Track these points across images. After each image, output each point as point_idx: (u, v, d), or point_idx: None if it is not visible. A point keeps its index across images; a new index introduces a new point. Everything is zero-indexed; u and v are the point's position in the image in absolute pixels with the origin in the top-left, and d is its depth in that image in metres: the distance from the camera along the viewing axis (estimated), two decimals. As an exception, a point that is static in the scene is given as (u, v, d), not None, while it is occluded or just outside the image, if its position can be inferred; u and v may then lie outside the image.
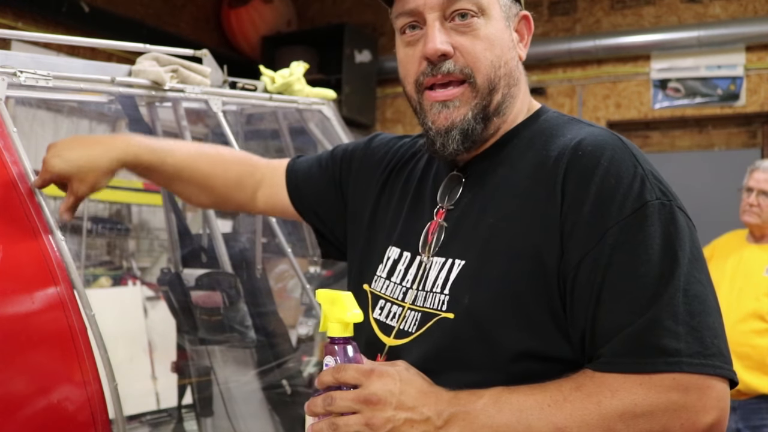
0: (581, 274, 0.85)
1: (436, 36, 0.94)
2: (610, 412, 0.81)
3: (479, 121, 0.97)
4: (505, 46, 0.97)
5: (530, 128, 1.01)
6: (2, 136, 1.43)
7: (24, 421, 1.27)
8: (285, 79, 2.30)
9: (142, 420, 2.99)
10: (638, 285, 0.83)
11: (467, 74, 0.96)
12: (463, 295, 0.93)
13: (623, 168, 0.87)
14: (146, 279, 3.67)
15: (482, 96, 0.97)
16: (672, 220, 0.85)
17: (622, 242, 0.84)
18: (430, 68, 0.96)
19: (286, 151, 2.57)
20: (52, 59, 1.83)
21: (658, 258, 0.83)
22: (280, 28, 5.04)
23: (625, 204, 0.85)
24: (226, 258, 2.10)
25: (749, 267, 2.96)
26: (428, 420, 0.84)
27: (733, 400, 2.91)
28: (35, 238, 1.35)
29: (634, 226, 0.84)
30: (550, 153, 0.93)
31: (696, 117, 4.49)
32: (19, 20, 3.68)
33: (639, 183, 0.86)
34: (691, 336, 0.81)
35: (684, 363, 0.81)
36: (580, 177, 0.88)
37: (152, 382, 3.26)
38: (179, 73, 1.97)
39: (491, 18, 0.96)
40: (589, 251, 0.85)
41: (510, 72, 0.98)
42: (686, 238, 0.85)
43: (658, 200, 0.86)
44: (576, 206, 0.87)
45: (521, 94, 1.03)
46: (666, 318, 0.81)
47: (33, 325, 1.32)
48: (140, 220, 3.98)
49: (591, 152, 0.89)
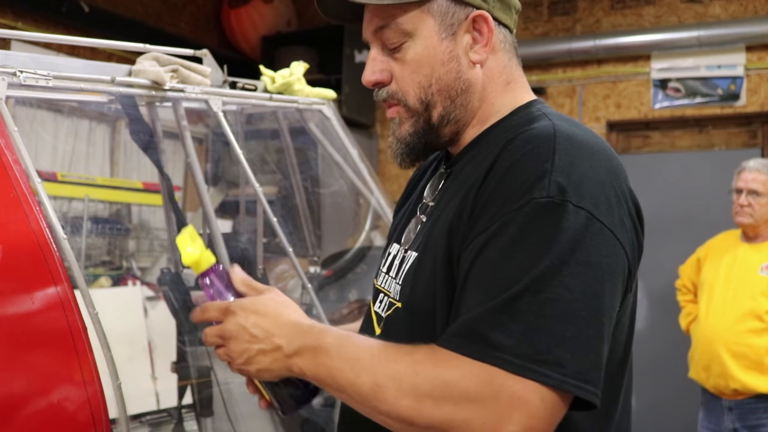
0: (462, 258, 0.89)
1: (367, 68, 1.04)
2: (425, 384, 0.82)
3: (422, 135, 1.03)
4: (436, 63, 1.00)
5: (502, 125, 1.02)
6: (3, 136, 1.42)
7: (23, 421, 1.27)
8: (285, 79, 2.30)
9: (142, 420, 2.99)
10: (492, 277, 0.83)
11: (399, 99, 1.03)
12: (405, 287, 1.00)
13: (532, 163, 0.87)
14: (146, 279, 3.66)
15: (418, 114, 1.02)
16: (555, 220, 0.82)
17: (497, 234, 0.85)
18: (374, 95, 1.07)
19: (286, 151, 2.57)
20: (52, 59, 1.83)
21: (521, 254, 0.82)
22: (280, 28, 5.04)
23: (514, 198, 0.85)
24: (226, 258, 2.10)
25: (744, 266, 2.97)
26: (279, 348, 0.92)
27: (730, 400, 2.91)
28: (35, 237, 1.35)
29: (513, 221, 0.84)
30: (495, 149, 0.94)
31: (696, 117, 4.49)
32: (19, 20, 3.68)
33: (535, 179, 0.85)
34: (525, 337, 0.79)
35: (505, 360, 0.79)
36: (497, 168, 0.90)
37: (152, 382, 3.26)
38: (179, 73, 1.97)
39: (419, 38, 0.99)
40: (472, 241, 0.88)
41: (447, 85, 1.00)
42: (565, 240, 0.82)
43: (547, 198, 0.83)
44: (483, 194, 0.89)
45: (489, 93, 1.03)
46: (503, 312, 0.80)
47: (32, 325, 1.32)
48: (140, 220, 3.97)
49: (517, 145, 0.91)
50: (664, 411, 4.21)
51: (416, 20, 0.99)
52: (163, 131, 2.19)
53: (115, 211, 3.86)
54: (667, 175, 4.49)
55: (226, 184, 3.88)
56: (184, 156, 2.16)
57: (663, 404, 4.20)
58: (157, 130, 2.13)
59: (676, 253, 4.07)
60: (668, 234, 4.26)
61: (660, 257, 3.65)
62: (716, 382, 2.91)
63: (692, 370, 3.07)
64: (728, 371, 2.85)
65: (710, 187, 4.08)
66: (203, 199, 2.19)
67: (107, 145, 3.99)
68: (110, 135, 4.01)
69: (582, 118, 4.65)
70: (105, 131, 3.98)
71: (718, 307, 2.96)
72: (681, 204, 4.41)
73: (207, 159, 3.23)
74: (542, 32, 4.76)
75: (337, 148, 2.56)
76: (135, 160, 3.95)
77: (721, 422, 2.96)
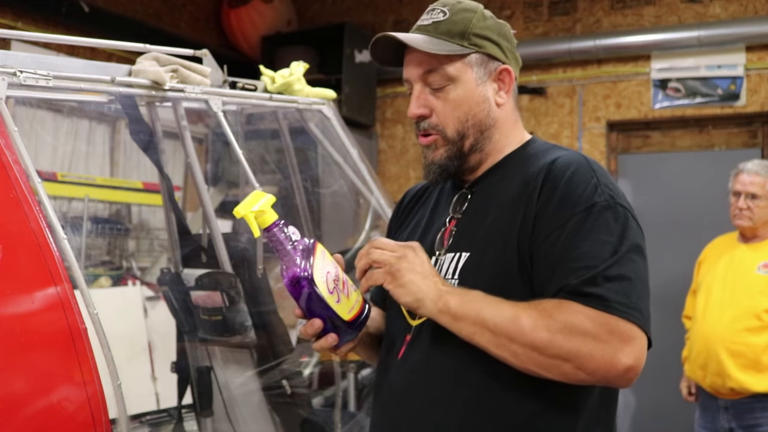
0: (543, 249, 1.14)
1: (413, 102, 1.28)
2: (556, 323, 1.07)
3: (454, 159, 1.28)
4: (473, 103, 1.27)
5: (521, 154, 1.31)
6: (3, 136, 1.42)
7: (23, 421, 1.27)
8: (285, 79, 2.30)
9: (142, 420, 2.99)
10: (585, 255, 1.10)
11: (439, 130, 1.27)
12: (468, 278, 1.20)
13: (582, 179, 1.17)
14: (146, 279, 3.66)
15: (453, 142, 1.28)
16: (615, 216, 1.14)
17: (575, 229, 1.13)
18: (416, 125, 1.30)
19: (286, 151, 2.57)
20: (52, 59, 1.83)
21: (600, 239, 1.12)
22: (280, 27, 5.04)
23: (580, 203, 1.15)
24: (226, 258, 2.10)
25: (741, 266, 2.96)
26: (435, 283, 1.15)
27: (726, 400, 2.91)
28: (35, 237, 1.35)
29: (585, 218, 1.13)
30: (533, 170, 1.23)
31: (696, 117, 4.49)
32: (19, 20, 3.68)
33: (591, 189, 1.16)
34: (621, 293, 1.08)
35: (613, 308, 1.07)
36: (551, 184, 1.18)
37: (152, 382, 3.26)
38: (179, 73, 1.97)
39: (461, 82, 1.26)
40: (551, 233, 1.14)
41: (480, 121, 1.28)
42: (625, 230, 1.13)
43: (605, 202, 1.15)
44: (546, 204, 1.17)
45: (504, 130, 1.31)
46: (601, 277, 1.08)
47: (32, 325, 1.32)
48: (140, 220, 3.97)
49: (560, 167, 1.20)
50: (663, 411, 4.21)
51: (460, 69, 1.25)
52: (163, 131, 2.19)
53: (115, 211, 3.86)
54: (667, 175, 4.49)
55: (226, 184, 3.88)
56: (184, 156, 2.16)
57: (662, 404, 4.20)
58: (157, 130, 2.13)
59: (676, 252, 4.07)
60: (668, 234, 4.26)
61: (660, 257, 3.65)
62: (713, 380, 2.90)
63: (689, 369, 3.07)
64: (725, 370, 2.84)
65: (710, 187, 4.08)
66: (203, 199, 2.19)
67: (107, 145, 3.99)
68: (110, 135, 4.01)
69: (582, 118, 4.66)
70: (105, 131, 3.98)
71: (716, 306, 2.95)
72: (681, 204, 4.40)
73: (207, 159, 3.23)
74: (542, 32, 4.76)
75: (337, 148, 2.56)
76: (135, 160, 3.95)
77: (716, 422, 2.96)
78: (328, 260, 1.18)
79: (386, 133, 5.19)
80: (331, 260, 1.19)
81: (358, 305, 1.20)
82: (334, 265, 1.19)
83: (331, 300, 1.15)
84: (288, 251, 1.14)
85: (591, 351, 1.06)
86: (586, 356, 1.06)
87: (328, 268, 1.16)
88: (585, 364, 1.07)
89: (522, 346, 1.09)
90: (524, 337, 1.08)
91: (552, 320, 1.08)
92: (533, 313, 1.09)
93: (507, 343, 1.10)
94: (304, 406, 2.21)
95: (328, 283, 1.14)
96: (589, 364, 1.07)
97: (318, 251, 1.16)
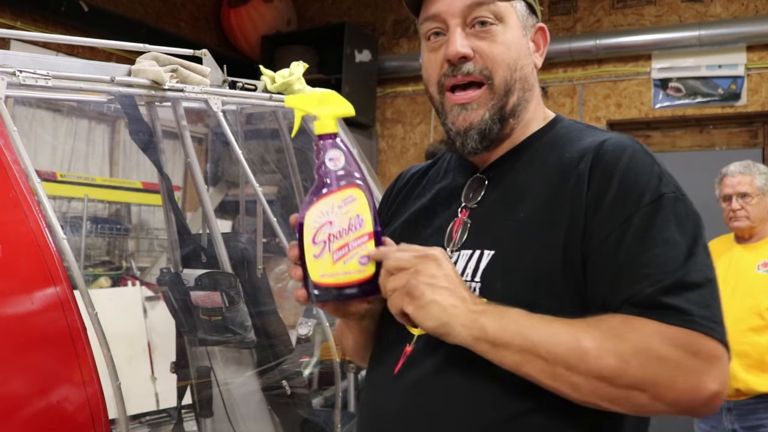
0: (602, 251, 0.94)
1: (457, 40, 1.03)
2: (627, 346, 0.87)
3: (496, 121, 1.05)
4: (521, 52, 1.06)
5: (549, 134, 1.09)
6: (2, 136, 1.42)
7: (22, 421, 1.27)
8: (285, 79, 2.30)
9: (142, 420, 2.99)
10: (654, 259, 0.91)
11: (486, 75, 1.04)
12: (494, 282, 0.99)
13: (642, 165, 0.97)
14: (146, 279, 3.66)
15: (499, 97, 1.04)
16: (686, 212, 0.95)
17: (643, 226, 0.93)
18: (451, 69, 1.04)
19: (286, 151, 2.56)
20: (52, 59, 1.83)
21: (673, 239, 0.92)
22: (279, 27, 5.04)
23: (644, 195, 0.94)
24: (226, 258, 2.09)
25: (740, 266, 2.96)
26: (465, 300, 0.92)
27: (729, 401, 2.91)
28: (35, 237, 1.35)
29: (652, 213, 0.93)
30: (573, 154, 1.02)
31: (697, 117, 4.49)
32: (18, 19, 3.67)
33: (656, 178, 0.96)
34: (701, 304, 0.89)
35: (696, 323, 0.87)
36: (603, 172, 0.97)
37: (152, 382, 3.25)
38: (179, 72, 1.97)
39: (508, 26, 1.05)
40: (611, 231, 0.93)
41: (525, 76, 1.07)
42: (697, 227, 0.95)
43: (674, 194, 0.95)
44: (599, 196, 0.96)
45: (535, 101, 1.11)
46: (679, 285, 0.89)
47: (32, 326, 1.32)
48: (140, 220, 3.97)
49: (613, 151, 0.99)
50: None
51: (507, 10, 1.05)
52: (163, 131, 2.18)
53: (115, 211, 3.86)
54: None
55: (226, 184, 3.88)
56: (184, 156, 2.15)
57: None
58: (156, 129, 2.13)
59: (677, 253, 4.07)
60: (669, 234, 4.26)
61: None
62: (717, 381, 2.90)
63: None
64: (731, 371, 2.83)
65: (711, 187, 4.07)
66: (203, 199, 2.18)
67: (107, 144, 3.99)
68: (110, 135, 4.01)
69: (582, 118, 4.65)
70: (104, 131, 3.98)
71: None
72: (681, 204, 4.40)
73: (207, 159, 3.23)
74: (542, 32, 4.76)
75: (337, 148, 2.55)
76: (134, 159, 3.94)
77: (720, 423, 2.95)
78: (347, 211, 0.94)
79: (386, 133, 5.19)
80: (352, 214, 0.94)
81: (347, 278, 0.94)
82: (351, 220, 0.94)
83: (309, 251, 0.94)
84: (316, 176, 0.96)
85: (672, 377, 0.87)
86: (667, 384, 0.87)
87: (333, 218, 0.94)
88: (664, 393, 0.87)
89: (585, 376, 0.88)
90: (588, 366, 0.87)
91: (622, 342, 0.87)
92: (596, 334, 0.88)
93: (565, 373, 0.88)
94: (304, 406, 2.20)
95: (319, 232, 0.94)
96: (669, 394, 0.87)
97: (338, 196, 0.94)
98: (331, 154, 0.96)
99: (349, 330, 1.17)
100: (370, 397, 1.08)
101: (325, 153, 0.96)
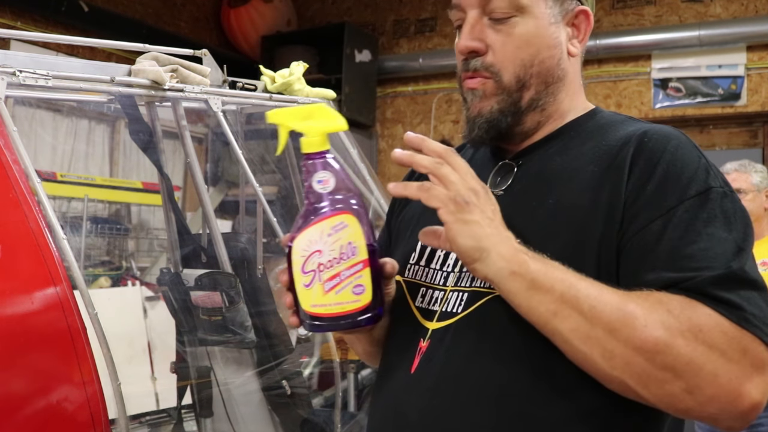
0: (640, 241, 0.87)
1: (466, 34, 0.99)
2: (677, 322, 0.80)
3: (507, 114, 0.99)
4: (542, 45, 0.99)
5: (588, 123, 1.03)
6: (2, 136, 1.42)
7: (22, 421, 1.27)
8: (285, 79, 2.30)
9: (142, 420, 2.99)
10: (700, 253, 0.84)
11: (493, 72, 0.99)
12: None
13: (688, 156, 0.92)
14: (146, 279, 3.66)
15: (509, 92, 0.99)
16: (734, 209, 0.89)
17: (688, 218, 0.86)
18: (464, 64, 1.00)
19: (286, 151, 2.57)
20: (52, 59, 1.83)
21: (720, 235, 0.85)
22: (279, 27, 5.04)
23: (690, 186, 0.88)
24: (226, 258, 2.09)
25: None
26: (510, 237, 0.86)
27: None
28: (35, 237, 1.35)
29: (698, 206, 0.87)
30: (612, 142, 0.96)
31: (697, 117, 4.49)
32: (18, 19, 3.68)
33: (704, 170, 0.90)
34: (752, 302, 0.81)
35: (750, 322, 0.80)
36: (647, 160, 0.91)
37: (152, 382, 3.25)
38: (179, 72, 1.97)
39: (531, 16, 0.98)
40: (652, 221, 0.87)
41: (546, 70, 1.00)
42: (747, 226, 0.89)
43: (722, 189, 0.89)
44: (641, 185, 0.89)
45: (569, 91, 1.04)
46: (731, 280, 0.82)
47: (32, 326, 1.32)
48: (140, 220, 3.97)
49: (657, 140, 0.94)
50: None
51: None
52: (163, 131, 2.18)
53: (115, 211, 3.86)
54: (668, 174, 4.48)
55: (226, 184, 3.88)
56: (184, 156, 2.15)
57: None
58: (156, 129, 2.13)
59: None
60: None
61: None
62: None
63: None
64: None
65: (711, 187, 4.09)
66: (203, 199, 2.19)
67: (107, 144, 3.99)
68: (110, 135, 4.01)
69: (582, 118, 4.66)
70: (104, 131, 3.98)
71: None
72: (681, 204, 4.40)
73: (207, 159, 3.23)
74: (542, 32, 4.76)
75: (337, 148, 2.55)
76: (134, 159, 3.95)
77: None
78: (337, 239, 0.88)
79: (386, 133, 5.19)
80: (343, 242, 0.88)
81: (339, 308, 0.88)
82: (342, 248, 0.87)
83: (299, 279, 0.89)
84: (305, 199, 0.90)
85: (716, 370, 0.78)
86: (708, 376, 0.78)
87: (322, 247, 0.88)
88: (702, 386, 0.79)
89: (623, 344, 0.80)
90: (631, 332, 0.80)
91: (671, 318, 0.80)
92: (646, 304, 0.81)
93: (603, 336, 0.80)
94: (304, 407, 2.20)
95: (308, 261, 0.88)
96: (708, 389, 0.79)
97: (327, 224, 0.88)
98: (320, 176, 0.89)
99: (359, 340, 1.12)
100: (385, 398, 0.99)
101: (313, 174, 0.89)
